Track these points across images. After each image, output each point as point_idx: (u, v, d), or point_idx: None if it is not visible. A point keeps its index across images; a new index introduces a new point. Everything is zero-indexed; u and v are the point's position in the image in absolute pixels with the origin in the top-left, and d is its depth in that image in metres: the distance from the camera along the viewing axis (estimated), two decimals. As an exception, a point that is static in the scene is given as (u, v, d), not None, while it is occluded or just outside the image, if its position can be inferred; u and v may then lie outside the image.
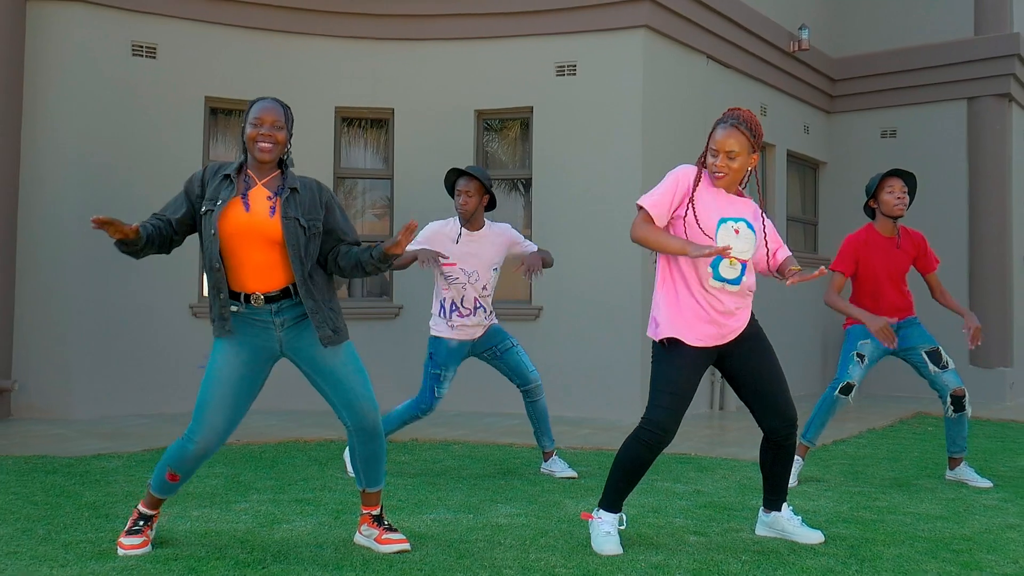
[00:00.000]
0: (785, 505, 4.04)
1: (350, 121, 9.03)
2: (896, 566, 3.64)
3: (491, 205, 5.43)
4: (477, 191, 5.29)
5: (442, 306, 5.32)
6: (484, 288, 5.34)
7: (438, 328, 5.32)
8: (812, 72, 11.15)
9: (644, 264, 8.24)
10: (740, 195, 3.90)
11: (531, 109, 8.72)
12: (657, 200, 3.75)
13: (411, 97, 8.89)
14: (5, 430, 7.05)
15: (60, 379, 7.79)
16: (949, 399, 5.44)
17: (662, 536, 4.06)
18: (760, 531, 4.10)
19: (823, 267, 3.81)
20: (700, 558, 3.69)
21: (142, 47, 8.16)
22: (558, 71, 8.60)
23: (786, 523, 4.00)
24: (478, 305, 5.32)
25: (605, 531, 3.77)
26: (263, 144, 3.61)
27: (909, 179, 5.53)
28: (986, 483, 5.49)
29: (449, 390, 8.58)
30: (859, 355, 5.43)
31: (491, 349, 5.41)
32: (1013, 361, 11.02)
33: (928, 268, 5.58)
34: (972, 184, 10.98)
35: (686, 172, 3.80)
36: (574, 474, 5.50)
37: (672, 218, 3.78)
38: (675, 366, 3.71)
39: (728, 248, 3.47)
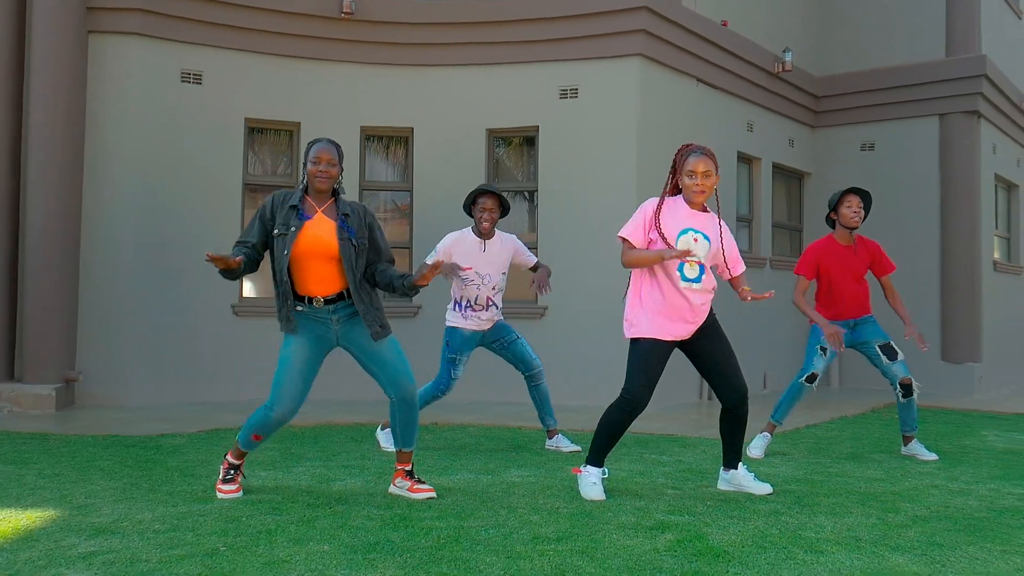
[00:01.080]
0: (741, 464, 4.99)
1: (373, 138, 9.99)
2: (828, 510, 4.58)
3: (503, 213, 6.39)
4: (497, 207, 6.24)
5: (457, 303, 6.27)
6: (494, 288, 6.28)
7: (453, 320, 6.28)
8: (796, 90, 12.09)
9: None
10: (705, 211, 4.85)
11: (537, 128, 9.66)
12: (632, 231, 4.75)
13: (428, 117, 9.84)
14: (75, 415, 8.00)
15: (118, 371, 8.75)
16: (899, 387, 6.36)
17: (645, 490, 5.01)
18: (721, 486, 5.05)
19: (772, 291, 4.78)
20: (674, 503, 4.64)
21: (190, 74, 9.12)
22: (561, 94, 9.55)
23: (741, 478, 4.95)
24: (490, 303, 6.27)
25: (591, 482, 4.73)
26: (321, 179, 4.58)
27: (865, 196, 6.45)
28: (932, 456, 6.43)
29: (463, 380, 9.52)
30: (822, 348, 6.36)
31: (499, 340, 6.36)
32: (982, 357, 11.93)
33: (883, 272, 6.48)
34: (944, 194, 11.90)
35: (651, 203, 4.78)
36: (578, 448, 6.44)
37: (648, 241, 4.75)
38: (648, 355, 4.67)
39: (688, 251, 4.46)
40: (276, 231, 4.55)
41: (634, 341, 4.76)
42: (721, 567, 3.50)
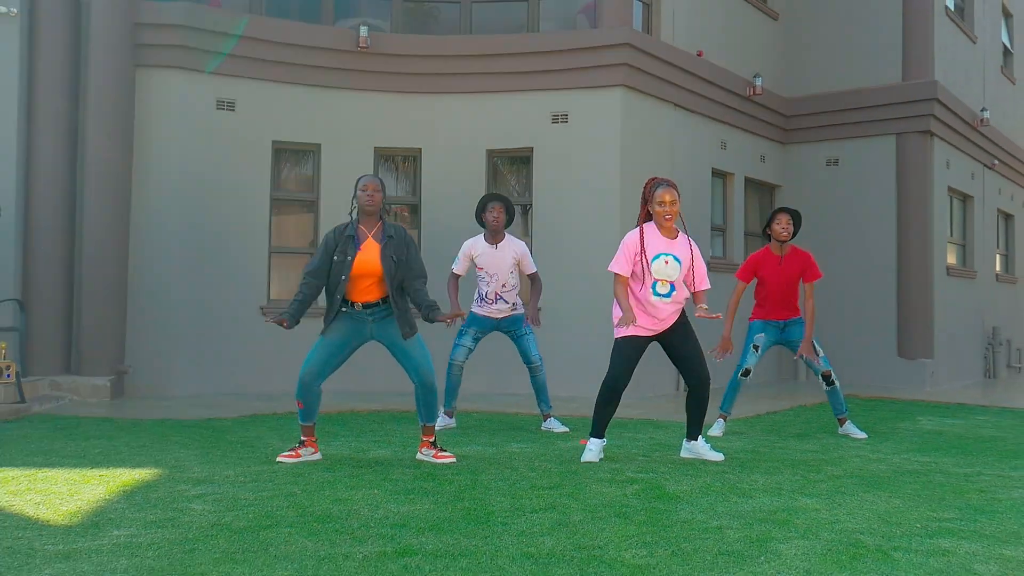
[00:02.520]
0: (700, 436, 6.19)
1: (386, 158, 11.18)
2: (764, 471, 5.79)
3: (509, 220, 7.61)
4: (503, 211, 7.48)
5: (478, 294, 7.56)
6: (503, 285, 7.50)
7: (473, 308, 7.58)
8: (766, 111, 13.31)
9: (622, 274, 10.37)
10: (676, 235, 6.04)
11: (531, 149, 10.85)
12: (622, 265, 5.91)
13: (435, 139, 11.02)
14: (128, 403, 9.16)
15: (162, 364, 9.91)
16: (821, 378, 7.56)
17: (620, 457, 6.22)
18: (683, 454, 6.26)
19: (720, 314, 6.00)
20: (642, 466, 5.85)
21: (224, 102, 10.29)
22: (553, 119, 10.74)
23: (700, 448, 6.16)
24: (498, 298, 7.48)
25: (591, 448, 5.95)
26: (369, 203, 5.77)
27: (794, 214, 7.63)
28: (863, 435, 7.64)
29: (472, 374, 10.69)
30: (755, 346, 7.57)
31: (512, 332, 7.59)
32: (934, 354, 13.17)
33: (808, 279, 7.65)
34: (900, 205, 13.13)
35: (632, 237, 5.95)
36: (567, 429, 7.65)
37: (633, 268, 5.93)
38: (628, 346, 5.88)
39: (634, 320, 5.64)
40: (336, 257, 5.74)
41: (621, 338, 5.96)
42: (672, 506, 4.69)
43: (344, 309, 5.81)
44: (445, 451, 5.95)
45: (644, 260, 5.88)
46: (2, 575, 3.30)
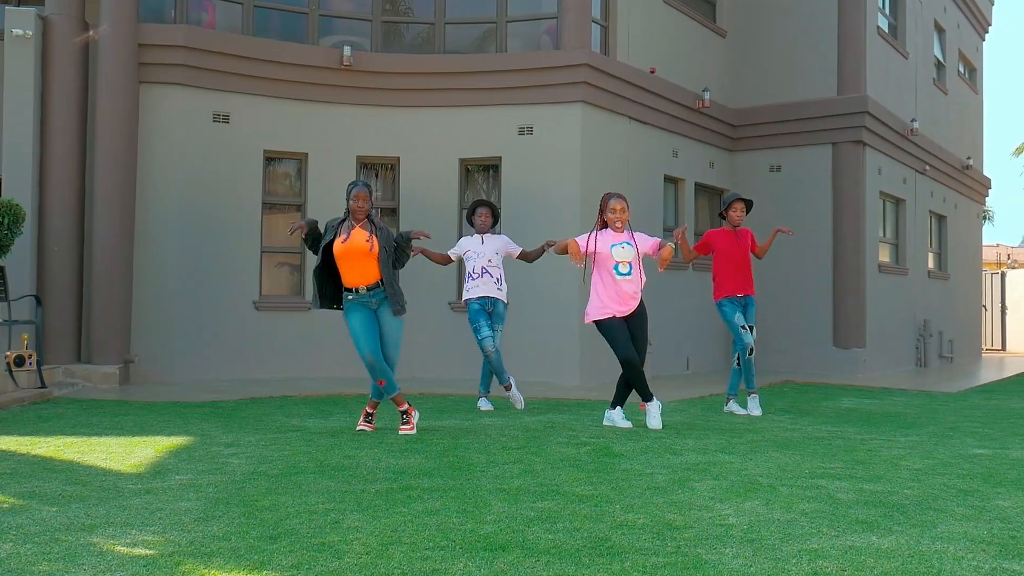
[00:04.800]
0: (619, 407, 7.40)
1: (367, 165, 12.25)
2: (695, 436, 6.96)
3: (495, 221, 8.83)
4: (490, 214, 8.78)
5: (467, 276, 8.71)
6: (489, 261, 8.64)
7: (465, 294, 8.70)
8: (715, 121, 14.53)
9: (585, 271, 11.51)
10: (622, 231, 7.26)
11: (500, 159, 11.97)
12: (580, 240, 7.27)
13: (412, 148, 12.10)
14: (137, 389, 10.16)
15: (164, 354, 10.92)
16: (748, 350, 8.65)
17: (577, 427, 7.38)
18: (605, 422, 7.49)
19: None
20: (594, 432, 7.01)
21: (219, 115, 11.30)
22: (520, 131, 11.87)
23: (615, 416, 7.40)
24: (484, 270, 8.60)
25: (621, 416, 7.38)
26: (359, 212, 6.86)
27: (748, 203, 8.82)
28: (743, 412, 8.68)
29: (442, 358, 11.80)
30: (742, 327, 8.62)
31: (492, 315, 8.67)
32: (866, 344, 14.47)
33: (754, 247, 8.86)
34: (835, 208, 14.41)
35: (585, 236, 7.27)
36: (491, 408, 8.71)
37: (590, 258, 7.25)
38: (613, 327, 7.13)
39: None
40: (323, 242, 6.85)
41: (598, 324, 7.27)
42: (616, 462, 5.84)
43: (351, 297, 6.85)
44: (407, 424, 7.01)
45: (598, 252, 7.25)
46: (107, 502, 4.37)
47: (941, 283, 18.49)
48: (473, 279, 8.67)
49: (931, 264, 18.30)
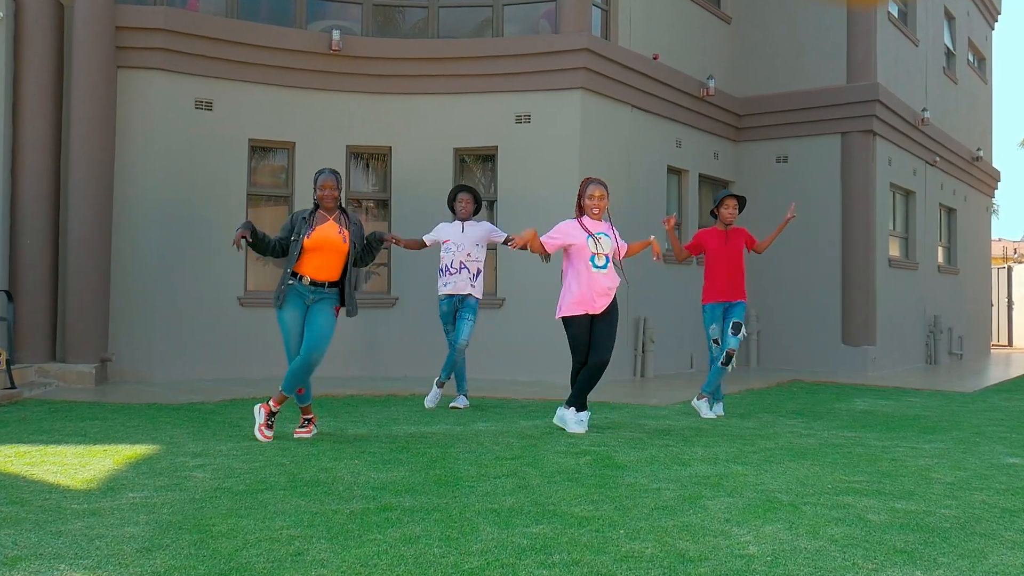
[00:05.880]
0: (573, 408, 6.94)
1: (357, 155, 11.72)
2: (704, 444, 6.45)
3: (477, 209, 8.27)
4: (471, 200, 8.24)
5: (441, 270, 8.20)
6: (468, 255, 8.11)
7: (439, 289, 8.20)
8: (720, 110, 14.00)
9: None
10: (601, 221, 6.81)
11: (496, 148, 11.44)
12: (548, 239, 6.82)
13: (404, 137, 11.57)
14: (113, 389, 9.64)
15: (144, 352, 10.40)
16: (724, 354, 8.10)
17: (577, 433, 6.85)
18: (555, 420, 7.00)
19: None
20: (595, 440, 6.49)
21: (202, 102, 10.77)
22: (517, 120, 11.34)
23: (568, 415, 6.92)
24: (462, 267, 8.10)
25: (575, 419, 6.87)
26: (327, 201, 6.37)
27: (740, 199, 8.29)
28: (711, 415, 8.10)
29: (434, 357, 11.29)
30: (731, 330, 8.11)
31: (459, 310, 8.18)
32: (876, 341, 13.96)
33: (751, 244, 8.32)
34: (844, 200, 13.89)
35: (571, 223, 6.82)
36: (462, 407, 8.31)
37: (567, 247, 6.81)
38: (576, 328, 6.63)
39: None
40: (293, 237, 6.34)
41: (565, 320, 6.75)
42: (619, 473, 5.33)
43: (291, 282, 6.31)
44: (304, 428, 6.54)
45: (574, 243, 6.83)
46: (42, 527, 3.85)
47: (950, 278, 17.98)
48: (450, 274, 8.18)
49: (940, 258, 17.78)
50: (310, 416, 6.59)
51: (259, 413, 6.35)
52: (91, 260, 10.08)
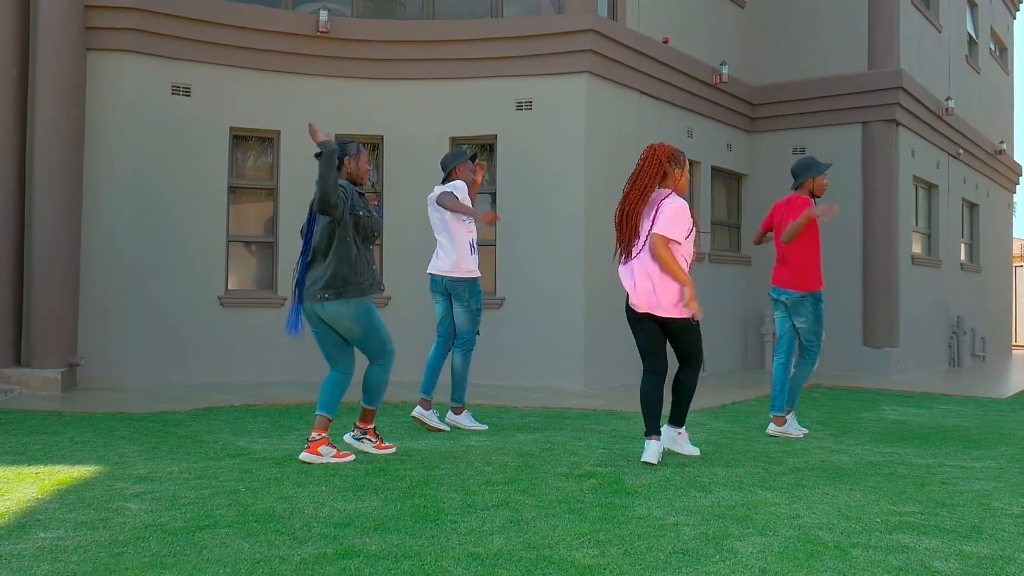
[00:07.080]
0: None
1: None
2: (725, 463, 5.68)
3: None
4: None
5: (471, 245, 7.05)
6: (435, 225, 7.18)
7: (475, 270, 7.05)
8: (733, 99, 13.21)
9: (585, 260, 10.23)
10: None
11: (495, 136, 10.68)
12: (681, 232, 5.62)
13: (397, 125, 10.82)
14: (80, 396, 8.92)
15: (115, 356, 9.66)
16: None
17: (580, 449, 6.09)
18: (666, 444, 6.08)
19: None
20: (601, 458, 5.73)
21: (179, 87, 10.02)
22: (517, 106, 10.57)
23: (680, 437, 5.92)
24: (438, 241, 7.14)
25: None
26: (365, 178, 5.76)
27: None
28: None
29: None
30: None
31: (454, 295, 7.15)
32: (899, 342, 13.16)
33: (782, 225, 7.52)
34: (866, 194, 13.09)
35: (684, 204, 5.62)
36: (447, 429, 7.08)
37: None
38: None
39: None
40: (362, 213, 5.53)
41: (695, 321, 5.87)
42: (629, 501, 4.57)
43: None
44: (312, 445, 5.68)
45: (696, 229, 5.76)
46: (-88, 583, 3.11)
47: (973, 276, 17.16)
48: (475, 251, 7.15)
49: (963, 256, 16.96)
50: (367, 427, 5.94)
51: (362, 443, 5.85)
52: (58, 257, 9.35)
